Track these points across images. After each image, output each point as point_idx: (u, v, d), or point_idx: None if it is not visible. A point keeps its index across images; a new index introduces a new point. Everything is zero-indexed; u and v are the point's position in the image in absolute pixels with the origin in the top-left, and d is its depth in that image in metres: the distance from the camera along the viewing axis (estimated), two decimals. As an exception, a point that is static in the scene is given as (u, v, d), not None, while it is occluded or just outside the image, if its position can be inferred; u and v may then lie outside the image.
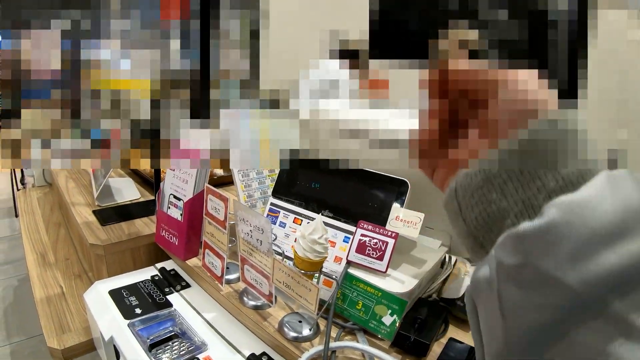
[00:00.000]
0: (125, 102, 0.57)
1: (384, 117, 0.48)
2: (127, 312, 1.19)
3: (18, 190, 3.30)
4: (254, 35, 0.55)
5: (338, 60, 0.50)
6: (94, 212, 1.71)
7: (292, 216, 1.19)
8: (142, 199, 1.86)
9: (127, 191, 1.91)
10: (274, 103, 0.55)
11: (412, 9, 0.46)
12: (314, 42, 0.51)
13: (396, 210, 1.02)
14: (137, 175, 2.15)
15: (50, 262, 1.94)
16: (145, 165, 0.58)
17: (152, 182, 1.82)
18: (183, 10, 0.55)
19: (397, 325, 0.93)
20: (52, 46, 0.56)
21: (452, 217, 0.39)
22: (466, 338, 0.98)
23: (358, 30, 0.49)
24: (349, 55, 0.49)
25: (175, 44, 0.56)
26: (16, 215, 4.29)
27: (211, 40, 0.55)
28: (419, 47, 0.47)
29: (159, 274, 1.40)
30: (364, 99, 0.51)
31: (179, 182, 1.30)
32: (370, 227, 1.00)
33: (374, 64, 0.48)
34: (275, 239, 1.17)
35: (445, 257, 1.16)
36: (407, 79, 0.48)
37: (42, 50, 0.56)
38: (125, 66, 0.56)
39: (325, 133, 0.52)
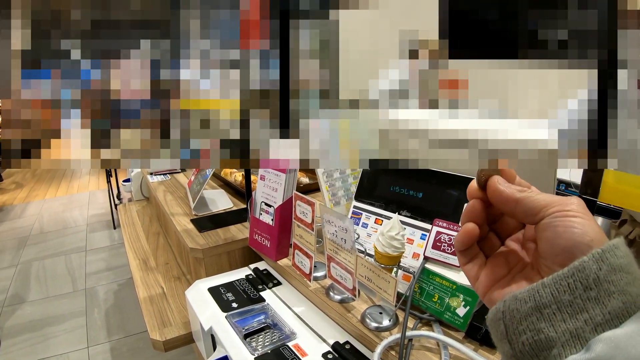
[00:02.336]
0: (215, 122, 0.61)
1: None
2: (224, 306, 1.34)
3: (116, 205, 3.60)
4: (329, 44, 0.58)
5: (406, 68, 0.55)
6: (192, 220, 1.89)
7: (374, 217, 1.29)
8: (234, 208, 2.02)
9: (221, 201, 2.08)
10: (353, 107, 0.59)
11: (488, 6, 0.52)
12: (392, 43, 0.56)
13: (469, 208, 1.11)
14: (229, 187, 2.32)
15: (151, 266, 2.13)
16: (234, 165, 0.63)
17: (243, 192, 1.98)
18: (262, 30, 0.59)
19: (471, 316, 1.01)
20: (137, 73, 0.60)
21: (496, 336, 0.40)
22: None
23: (432, 31, 0.54)
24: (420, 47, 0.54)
25: (255, 62, 0.59)
26: (114, 227, 4.63)
27: (291, 54, 0.59)
28: (497, 42, 0.52)
29: (252, 274, 1.54)
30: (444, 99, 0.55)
31: (269, 190, 1.44)
32: (445, 224, 1.08)
33: (452, 63, 0.54)
34: (358, 238, 1.27)
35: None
36: (482, 77, 0.54)
37: (128, 77, 0.60)
38: (208, 86, 0.60)
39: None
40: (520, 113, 0.55)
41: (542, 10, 0.51)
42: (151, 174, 2.64)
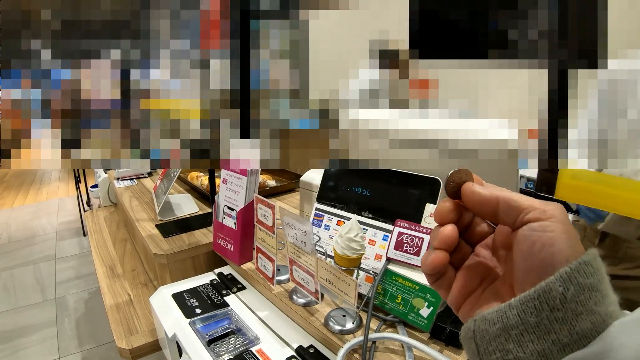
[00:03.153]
0: (175, 122, 0.61)
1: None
2: (188, 312, 1.32)
3: (85, 211, 3.53)
4: (295, 45, 0.58)
5: (376, 68, 0.55)
6: (157, 226, 1.86)
7: (336, 219, 1.28)
8: (200, 212, 1.99)
9: (186, 206, 2.06)
10: (324, 113, 0.59)
11: (456, 7, 0.52)
12: (359, 44, 0.56)
13: (430, 207, 1.10)
14: (195, 191, 2.29)
15: (118, 273, 2.09)
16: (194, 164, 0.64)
17: (209, 196, 1.96)
18: (222, 32, 0.59)
19: (434, 316, 1.00)
20: (108, 75, 0.61)
21: (469, 353, 0.40)
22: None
23: (401, 30, 0.54)
24: (390, 56, 0.54)
25: (215, 65, 0.60)
26: (84, 234, 4.55)
27: (251, 55, 0.59)
28: (463, 45, 0.53)
29: (217, 278, 1.52)
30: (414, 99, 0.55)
31: (232, 194, 1.42)
32: (406, 225, 1.07)
33: (421, 63, 0.54)
34: (319, 240, 1.26)
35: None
36: (452, 77, 0.54)
37: (100, 79, 0.61)
38: (169, 86, 0.61)
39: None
40: (482, 113, 0.55)
41: (510, 11, 0.51)
42: (118, 179, 2.59)
